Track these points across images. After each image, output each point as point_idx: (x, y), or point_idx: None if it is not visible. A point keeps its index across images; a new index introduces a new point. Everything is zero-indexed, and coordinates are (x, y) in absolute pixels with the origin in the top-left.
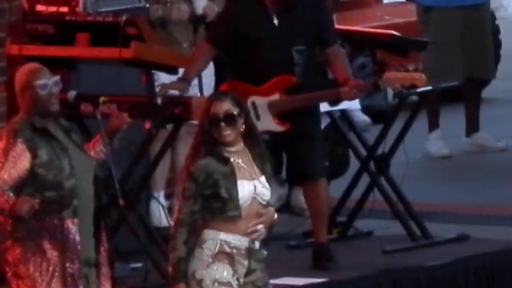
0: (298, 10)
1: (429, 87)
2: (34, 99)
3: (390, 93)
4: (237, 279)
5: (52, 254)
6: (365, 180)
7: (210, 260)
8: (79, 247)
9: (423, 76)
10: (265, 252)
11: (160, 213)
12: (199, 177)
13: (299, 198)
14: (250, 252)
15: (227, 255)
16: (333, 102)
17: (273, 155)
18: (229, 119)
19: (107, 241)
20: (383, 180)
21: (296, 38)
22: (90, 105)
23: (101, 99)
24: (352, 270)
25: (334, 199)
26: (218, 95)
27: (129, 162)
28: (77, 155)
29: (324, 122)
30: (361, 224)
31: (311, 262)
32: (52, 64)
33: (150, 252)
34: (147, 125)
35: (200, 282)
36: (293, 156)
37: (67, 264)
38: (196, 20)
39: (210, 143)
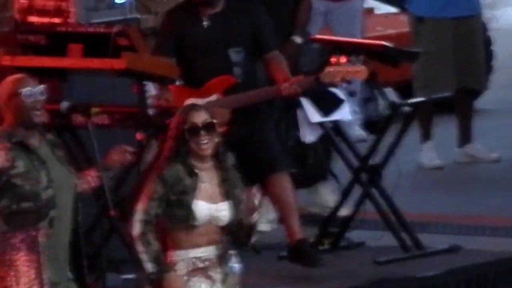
0: (231, 14)
1: (422, 98)
2: (19, 108)
3: (381, 104)
4: None
5: (29, 267)
6: (357, 190)
7: (185, 278)
8: (46, 258)
9: (364, 67)
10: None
11: None
12: (169, 181)
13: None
14: (221, 258)
15: (201, 270)
16: (325, 113)
17: None
18: (209, 127)
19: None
20: (375, 191)
21: (230, 39)
22: (82, 115)
23: (93, 109)
24: (344, 280)
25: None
26: (192, 106)
27: (121, 172)
28: (58, 169)
29: (317, 133)
30: (353, 235)
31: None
32: (44, 74)
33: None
34: (139, 135)
35: None
36: (249, 157)
37: (44, 275)
38: None
39: (183, 155)
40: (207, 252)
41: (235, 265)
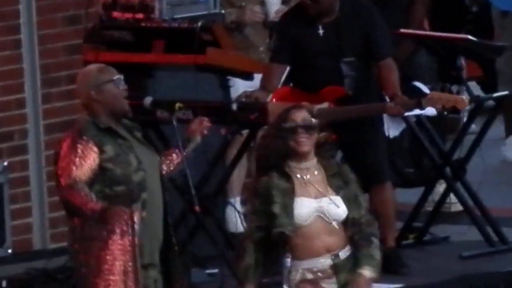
0: (345, 22)
1: (506, 92)
2: (114, 95)
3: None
4: None
5: (124, 250)
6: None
7: None
8: (140, 241)
9: (465, 99)
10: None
11: (236, 219)
12: (260, 194)
13: None
14: (336, 267)
15: (309, 282)
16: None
17: None
18: (307, 126)
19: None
20: (459, 186)
21: (343, 49)
22: (166, 111)
23: (177, 105)
24: (428, 275)
25: (410, 204)
26: (295, 105)
27: (205, 168)
28: (142, 150)
29: (400, 127)
30: (438, 229)
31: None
32: (128, 70)
33: (226, 258)
34: (223, 131)
35: None
36: (357, 164)
37: (138, 259)
38: (271, 26)
39: (279, 155)
40: (321, 263)
41: None
